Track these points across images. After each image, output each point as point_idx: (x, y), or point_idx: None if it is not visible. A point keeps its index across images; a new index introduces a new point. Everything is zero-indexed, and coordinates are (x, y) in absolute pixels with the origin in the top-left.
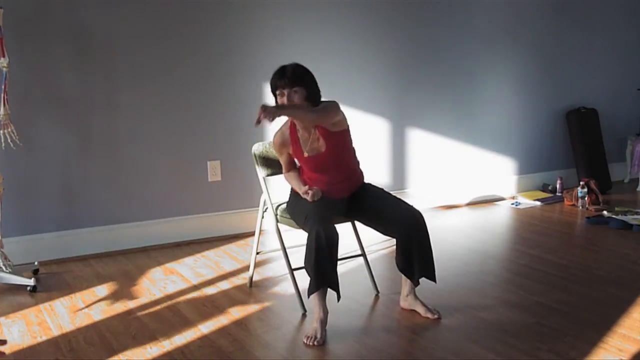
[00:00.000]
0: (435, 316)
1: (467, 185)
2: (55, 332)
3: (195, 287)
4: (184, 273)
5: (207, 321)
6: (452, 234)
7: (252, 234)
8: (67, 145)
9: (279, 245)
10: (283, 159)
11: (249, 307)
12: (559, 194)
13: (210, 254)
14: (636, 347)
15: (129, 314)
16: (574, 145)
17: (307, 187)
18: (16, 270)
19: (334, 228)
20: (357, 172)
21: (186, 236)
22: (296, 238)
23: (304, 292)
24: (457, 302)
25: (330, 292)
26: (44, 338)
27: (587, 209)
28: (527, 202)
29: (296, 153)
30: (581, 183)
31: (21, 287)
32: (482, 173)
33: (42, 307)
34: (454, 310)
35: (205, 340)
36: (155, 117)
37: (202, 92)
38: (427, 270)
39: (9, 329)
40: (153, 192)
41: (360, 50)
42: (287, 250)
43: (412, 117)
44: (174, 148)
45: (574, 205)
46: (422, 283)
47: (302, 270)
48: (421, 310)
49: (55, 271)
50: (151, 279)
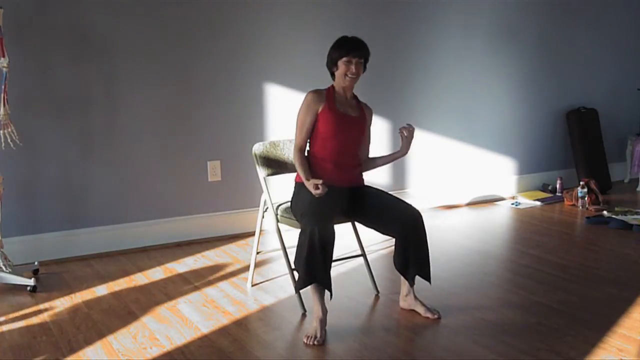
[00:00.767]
0: (435, 316)
1: (467, 185)
2: (55, 332)
3: (195, 287)
4: (184, 273)
5: (207, 321)
6: (453, 234)
7: (252, 234)
8: (67, 145)
9: (279, 245)
10: (305, 124)
11: (249, 307)
12: (559, 194)
13: (210, 254)
14: (636, 347)
15: (129, 314)
16: (574, 145)
17: (316, 180)
18: (16, 270)
19: (331, 227)
20: (359, 170)
21: (186, 236)
22: (296, 238)
23: (304, 292)
24: (457, 302)
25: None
26: (44, 338)
27: (587, 209)
28: (527, 202)
29: (329, 106)
30: (581, 183)
31: (21, 287)
32: (482, 173)
33: (42, 307)
34: (454, 310)
35: (205, 340)
36: (155, 117)
37: (203, 92)
38: (422, 270)
39: (9, 329)
40: (153, 192)
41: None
42: (287, 250)
43: (412, 117)
44: (174, 148)
45: (574, 205)
46: (421, 283)
47: None
48: (421, 310)
49: (55, 271)
50: (151, 279)
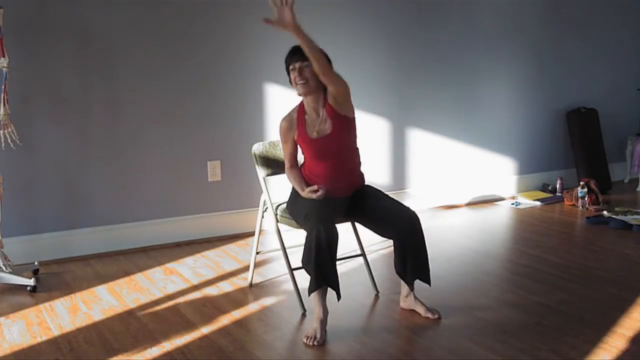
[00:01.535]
0: (436, 316)
1: (467, 185)
2: (55, 332)
3: (195, 287)
4: (184, 273)
5: (207, 321)
6: (452, 234)
7: (252, 234)
8: (67, 145)
9: (279, 245)
10: (287, 149)
11: (249, 307)
12: (559, 194)
13: (210, 254)
14: (636, 347)
15: (129, 314)
16: (574, 145)
17: (312, 186)
18: (16, 270)
19: (334, 227)
20: (358, 172)
21: (186, 236)
22: (296, 238)
23: (304, 292)
24: (457, 302)
25: (330, 292)
26: (44, 338)
27: (587, 209)
28: (527, 202)
29: (302, 136)
30: (581, 183)
31: (21, 287)
32: (482, 173)
33: (42, 307)
34: (454, 310)
35: (205, 340)
36: (156, 117)
37: (202, 92)
38: (422, 273)
39: (9, 329)
40: (153, 192)
41: (361, 51)
42: (287, 250)
43: (412, 117)
44: (174, 148)
45: (574, 205)
46: (422, 283)
47: (302, 270)
48: (421, 310)
49: (55, 271)
50: (151, 279)
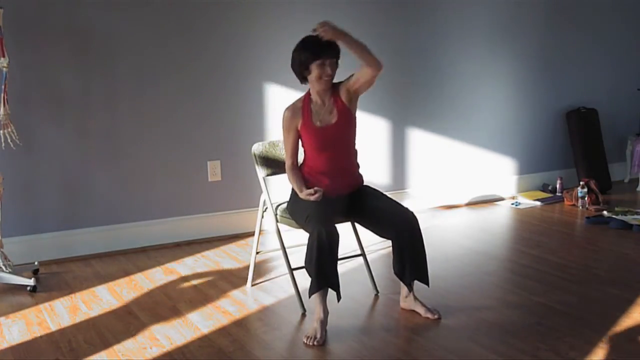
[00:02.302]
0: (436, 316)
1: (467, 185)
2: (55, 332)
3: (195, 287)
4: (184, 273)
5: (207, 321)
6: (452, 234)
7: (252, 234)
8: (67, 145)
9: (278, 245)
10: (289, 141)
11: (249, 307)
12: (559, 194)
13: (210, 254)
14: (636, 347)
15: (129, 314)
16: (574, 145)
17: (310, 189)
18: (16, 270)
19: (335, 228)
20: (357, 171)
21: (186, 236)
22: (296, 238)
23: (304, 292)
24: (457, 302)
25: (331, 292)
26: (44, 338)
27: (587, 209)
28: (527, 202)
29: (306, 124)
30: (581, 183)
31: (21, 287)
32: (482, 173)
33: (42, 307)
34: (454, 310)
35: (205, 340)
36: (156, 117)
37: (202, 92)
38: (420, 274)
39: (9, 329)
40: (153, 192)
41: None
42: (287, 250)
43: (412, 117)
44: (174, 148)
45: (574, 205)
46: (420, 283)
47: (302, 270)
48: (421, 310)
49: (55, 271)
50: (151, 279)
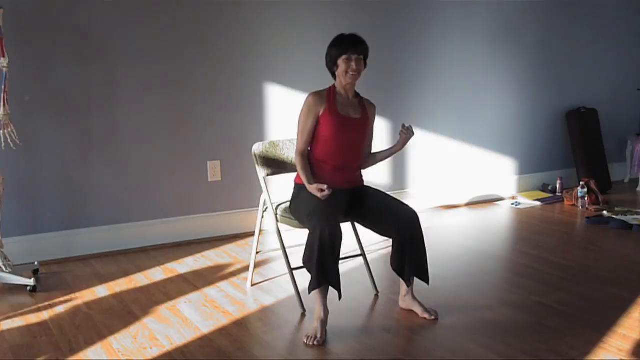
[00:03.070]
0: (433, 317)
1: (467, 185)
2: (55, 332)
3: (195, 287)
4: (184, 273)
5: (207, 321)
6: (452, 234)
7: (252, 234)
8: (67, 145)
9: (279, 245)
10: (307, 126)
11: (249, 307)
12: (559, 194)
13: (211, 254)
14: (636, 347)
15: (129, 314)
16: (574, 145)
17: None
18: (16, 270)
19: (339, 226)
20: (359, 171)
21: (186, 236)
22: (296, 238)
23: (304, 292)
24: (457, 302)
25: (331, 291)
26: (44, 338)
27: (587, 209)
28: (527, 202)
29: (331, 109)
30: (581, 183)
31: (21, 287)
32: (482, 173)
33: (42, 307)
34: (454, 310)
35: (205, 340)
36: (156, 117)
37: (203, 92)
38: (420, 271)
39: (9, 329)
40: (153, 192)
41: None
42: (287, 250)
43: (412, 117)
44: (174, 148)
45: (574, 205)
46: (421, 283)
47: (302, 270)
48: (419, 310)
49: (55, 271)
50: (151, 279)
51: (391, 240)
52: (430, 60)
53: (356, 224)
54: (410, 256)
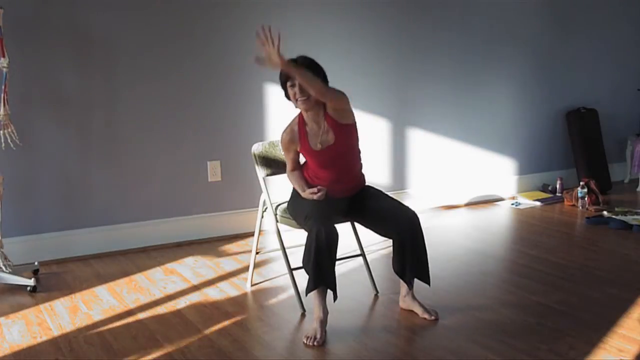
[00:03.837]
0: (433, 317)
1: (467, 186)
2: (55, 332)
3: (195, 287)
4: (184, 273)
5: (207, 321)
6: (452, 234)
7: (252, 234)
8: (67, 145)
9: (278, 245)
10: (290, 157)
11: (249, 307)
12: (559, 194)
13: (210, 254)
14: (636, 347)
15: (129, 314)
16: (574, 146)
17: (313, 188)
18: (16, 270)
19: (335, 228)
20: (360, 174)
21: (186, 236)
22: (296, 238)
23: (304, 292)
24: (457, 302)
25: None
26: (44, 338)
27: (587, 209)
28: (527, 202)
29: (305, 148)
30: (581, 183)
31: (21, 287)
32: (482, 173)
33: (42, 307)
34: (454, 310)
35: (205, 340)
36: (156, 117)
37: (203, 92)
38: (421, 272)
39: (9, 329)
40: (153, 192)
41: (361, 51)
42: (287, 250)
43: (412, 117)
44: (174, 148)
45: (574, 205)
46: (421, 283)
47: (302, 270)
48: (419, 310)
49: (55, 271)
50: (151, 279)
51: (391, 241)
52: (430, 60)
53: (356, 224)
54: (410, 257)
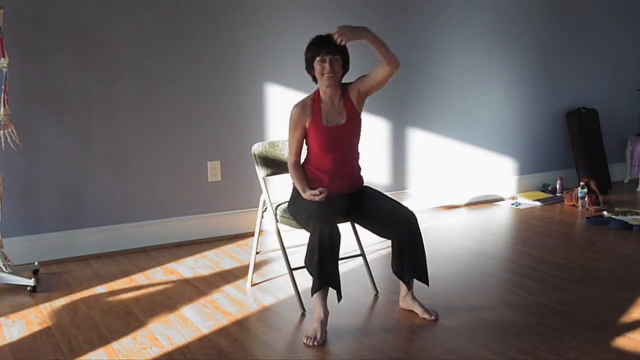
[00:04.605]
0: (433, 317)
1: (467, 186)
2: (55, 332)
3: (195, 287)
4: (184, 273)
5: (207, 321)
6: (452, 234)
7: (252, 234)
8: (67, 145)
9: (278, 246)
10: (295, 138)
11: (249, 307)
12: (559, 194)
13: (210, 254)
14: (636, 347)
15: (129, 314)
16: (574, 145)
17: (314, 190)
18: (16, 270)
19: (337, 227)
20: (358, 172)
21: (186, 236)
22: (296, 238)
23: (304, 292)
24: (457, 303)
25: (331, 292)
26: (44, 338)
27: (587, 209)
28: (527, 202)
29: (315, 123)
30: (581, 183)
31: (21, 287)
32: (482, 173)
33: (42, 307)
34: (454, 310)
35: (205, 340)
36: (155, 117)
37: (203, 92)
38: (419, 273)
39: (9, 329)
40: (153, 192)
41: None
42: (287, 251)
43: (412, 117)
44: (174, 148)
45: (574, 205)
46: (421, 283)
47: (302, 270)
48: (419, 310)
49: (55, 271)
50: (151, 279)
51: (390, 242)
52: (430, 60)
53: (356, 224)
54: (409, 258)
